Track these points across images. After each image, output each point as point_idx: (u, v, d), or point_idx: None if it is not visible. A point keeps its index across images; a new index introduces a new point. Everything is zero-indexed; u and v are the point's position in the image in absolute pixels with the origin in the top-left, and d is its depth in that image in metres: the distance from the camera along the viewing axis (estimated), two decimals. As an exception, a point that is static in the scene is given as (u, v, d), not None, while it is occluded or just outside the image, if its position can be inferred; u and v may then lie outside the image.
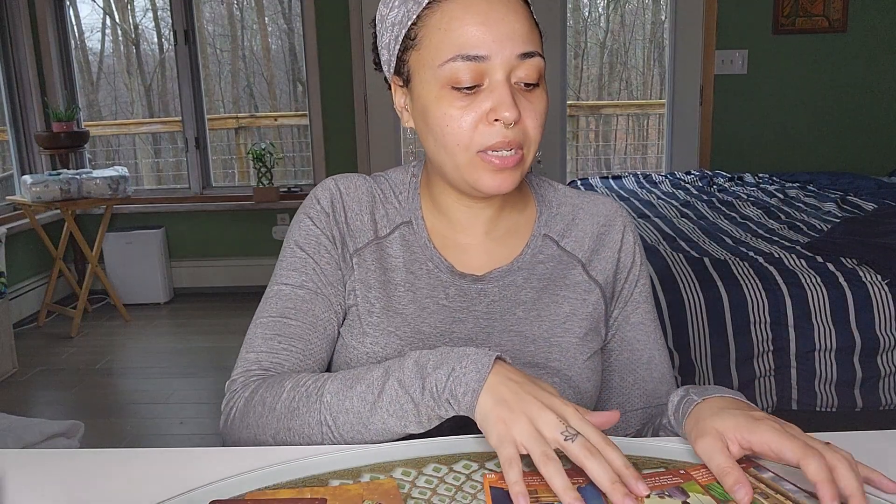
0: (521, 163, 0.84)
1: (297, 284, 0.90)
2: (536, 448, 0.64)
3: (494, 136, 0.81)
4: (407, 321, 0.90)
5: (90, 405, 2.95)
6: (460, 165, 0.84)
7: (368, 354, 0.89)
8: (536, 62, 0.82)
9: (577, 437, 0.65)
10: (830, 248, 2.14)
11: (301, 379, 0.81)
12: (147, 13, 5.07)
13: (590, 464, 0.63)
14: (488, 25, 0.80)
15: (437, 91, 0.82)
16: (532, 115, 0.83)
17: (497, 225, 0.94)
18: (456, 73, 0.80)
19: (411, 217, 0.94)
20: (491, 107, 0.80)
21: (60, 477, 0.75)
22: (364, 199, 0.94)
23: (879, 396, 1.94)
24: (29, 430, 1.70)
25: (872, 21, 3.87)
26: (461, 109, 0.81)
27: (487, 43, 0.79)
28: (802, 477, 0.64)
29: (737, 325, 1.93)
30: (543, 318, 0.92)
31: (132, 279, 4.21)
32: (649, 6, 5.65)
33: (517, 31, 0.81)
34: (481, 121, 0.81)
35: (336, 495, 0.66)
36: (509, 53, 0.80)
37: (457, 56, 0.80)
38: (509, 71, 0.81)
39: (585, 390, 0.91)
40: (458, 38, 0.80)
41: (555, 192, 0.99)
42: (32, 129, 4.19)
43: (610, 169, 5.70)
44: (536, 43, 0.83)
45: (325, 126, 4.22)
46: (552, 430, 0.65)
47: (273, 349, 0.87)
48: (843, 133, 4.00)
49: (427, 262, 0.92)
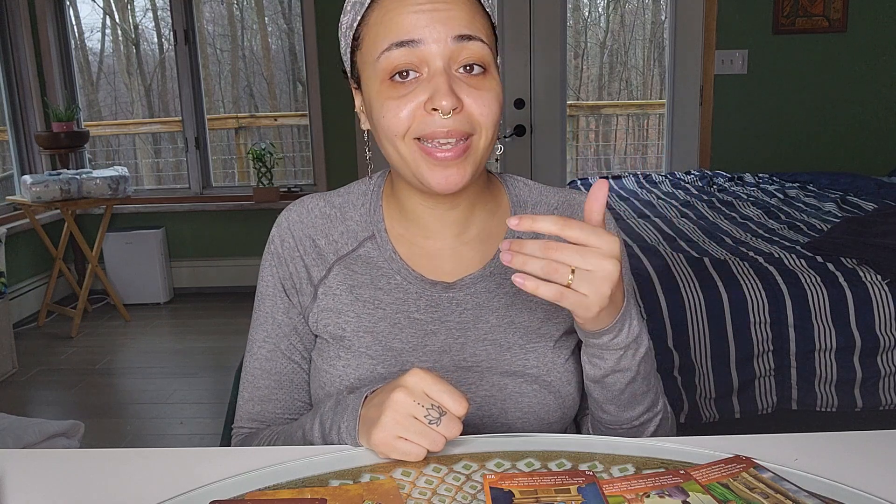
0: (468, 153, 0.81)
1: (260, 341, 0.95)
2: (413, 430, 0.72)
3: (432, 125, 0.79)
4: (378, 339, 0.89)
5: (90, 405, 2.95)
6: (405, 157, 0.82)
7: (341, 377, 0.88)
8: (477, 46, 0.79)
9: (439, 419, 0.72)
10: (830, 247, 2.14)
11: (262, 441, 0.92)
12: (147, 13, 5.07)
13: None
14: (420, 12, 0.78)
15: (378, 86, 0.81)
16: (478, 100, 0.79)
17: (467, 228, 0.92)
18: (391, 61, 0.79)
19: (374, 230, 0.92)
20: (428, 96, 0.78)
21: (60, 477, 0.75)
22: (318, 222, 0.93)
23: (879, 396, 1.94)
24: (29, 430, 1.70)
25: (872, 21, 3.87)
26: (398, 100, 0.80)
27: (419, 27, 0.78)
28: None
29: (737, 325, 1.93)
30: (517, 324, 0.90)
31: (132, 279, 4.21)
32: (649, 6, 5.65)
33: (453, 16, 0.78)
34: (419, 110, 0.79)
35: (336, 495, 0.66)
36: (443, 36, 0.78)
37: (391, 45, 0.79)
38: (448, 58, 0.79)
39: (567, 394, 0.90)
40: (393, 28, 0.79)
41: (529, 191, 0.96)
42: (32, 129, 4.19)
43: (610, 169, 5.70)
44: (479, 29, 0.80)
45: (325, 126, 4.22)
46: (417, 413, 0.72)
47: (253, 410, 0.96)
48: (843, 133, 4.00)
49: (395, 275, 0.90)
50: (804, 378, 1.94)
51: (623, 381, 0.82)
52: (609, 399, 0.84)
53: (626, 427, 0.87)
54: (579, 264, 0.69)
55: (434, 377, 0.73)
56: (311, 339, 0.94)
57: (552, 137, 4.13)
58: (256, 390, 0.95)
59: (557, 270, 0.69)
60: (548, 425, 0.89)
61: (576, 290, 0.69)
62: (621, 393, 0.83)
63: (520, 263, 0.69)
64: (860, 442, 0.79)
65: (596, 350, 0.80)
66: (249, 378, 0.96)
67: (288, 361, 0.94)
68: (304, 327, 0.94)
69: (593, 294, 0.70)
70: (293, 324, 0.94)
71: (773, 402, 1.96)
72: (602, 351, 0.79)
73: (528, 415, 0.88)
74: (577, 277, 0.69)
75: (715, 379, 1.93)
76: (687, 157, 4.13)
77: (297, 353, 0.94)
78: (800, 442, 0.78)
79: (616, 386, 0.82)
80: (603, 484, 0.67)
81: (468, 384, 0.88)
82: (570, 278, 0.69)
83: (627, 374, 0.81)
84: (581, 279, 0.69)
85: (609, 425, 0.88)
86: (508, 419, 0.88)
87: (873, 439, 0.79)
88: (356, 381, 0.88)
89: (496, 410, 0.88)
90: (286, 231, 0.94)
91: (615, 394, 0.83)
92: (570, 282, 0.69)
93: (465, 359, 0.89)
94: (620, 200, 3.17)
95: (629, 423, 0.87)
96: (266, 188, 4.26)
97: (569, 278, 0.69)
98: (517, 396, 0.88)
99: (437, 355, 0.89)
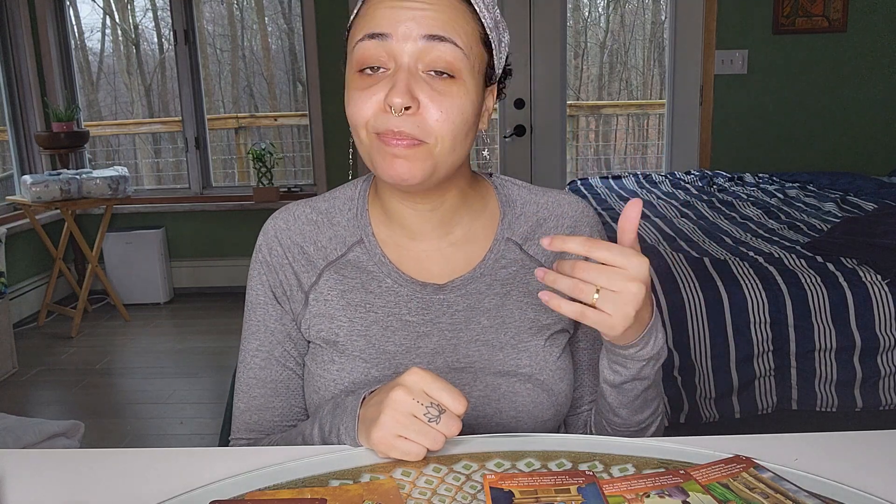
0: (420, 151, 0.79)
1: (253, 350, 0.94)
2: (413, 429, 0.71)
3: (387, 122, 0.78)
4: (371, 343, 0.89)
5: (90, 405, 2.95)
6: (368, 150, 0.82)
7: (336, 381, 0.88)
8: (448, 49, 0.77)
9: (439, 417, 0.71)
10: (830, 247, 2.14)
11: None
12: (147, 13, 5.07)
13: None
14: (396, 8, 0.78)
15: (351, 76, 0.82)
16: (437, 105, 0.78)
17: (452, 229, 0.91)
18: (362, 52, 0.79)
19: (361, 235, 0.92)
20: (386, 92, 0.77)
21: (60, 477, 0.75)
22: (306, 229, 0.93)
23: (879, 396, 1.94)
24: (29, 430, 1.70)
25: (872, 21, 3.87)
26: (363, 91, 0.79)
27: (392, 22, 0.78)
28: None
29: (737, 325, 1.93)
30: (509, 324, 0.90)
31: (132, 279, 4.20)
32: (649, 6, 5.65)
33: (429, 15, 0.77)
34: (378, 105, 0.78)
35: (336, 495, 0.66)
36: (413, 33, 0.77)
37: (364, 36, 0.79)
38: (416, 56, 0.78)
39: (560, 391, 0.90)
40: (369, 20, 0.80)
41: (519, 192, 0.96)
42: (32, 129, 4.19)
43: (610, 169, 5.70)
44: (457, 32, 0.78)
45: (325, 126, 4.22)
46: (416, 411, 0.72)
47: (250, 420, 0.95)
48: (843, 133, 4.00)
49: (385, 278, 0.90)
50: (804, 378, 1.94)
51: (640, 388, 0.84)
52: (623, 404, 0.86)
53: (634, 429, 0.89)
54: (604, 284, 0.71)
55: (433, 376, 0.73)
56: (304, 344, 0.94)
57: (552, 137, 4.13)
58: (252, 399, 0.94)
59: (583, 290, 0.71)
60: (542, 423, 0.90)
61: (600, 310, 0.71)
62: (636, 398, 0.85)
63: (550, 280, 0.72)
64: (860, 442, 0.78)
65: (619, 359, 0.81)
66: (244, 388, 0.95)
67: (283, 368, 0.94)
68: (297, 333, 0.93)
69: (617, 314, 0.71)
70: (286, 330, 0.93)
71: (773, 402, 1.96)
72: (625, 360, 0.81)
73: (522, 413, 0.88)
74: (601, 297, 0.71)
75: (715, 379, 1.93)
76: (687, 157, 4.13)
77: (291, 360, 0.94)
78: (800, 442, 0.78)
79: (633, 392, 0.84)
80: (603, 484, 0.67)
81: (462, 385, 0.88)
82: (594, 297, 0.71)
83: (645, 382, 0.83)
84: (606, 299, 0.71)
85: (618, 427, 0.89)
86: (503, 419, 0.88)
87: (873, 439, 0.79)
88: (350, 385, 0.88)
89: (491, 410, 0.88)
90: (273, 239, 0.93)
91: (630, 399, 0.85)
92: (594, 300, 0.71)
93: (458, 360, 0.89)
94: (620, 201, 3.17)
95: (637, 426, 0.89)
96: (266, 188, 4.26)
97: (594, 297, 0.71)
98: (511, 396, 0.88)
99: (430, 357, 0.89)
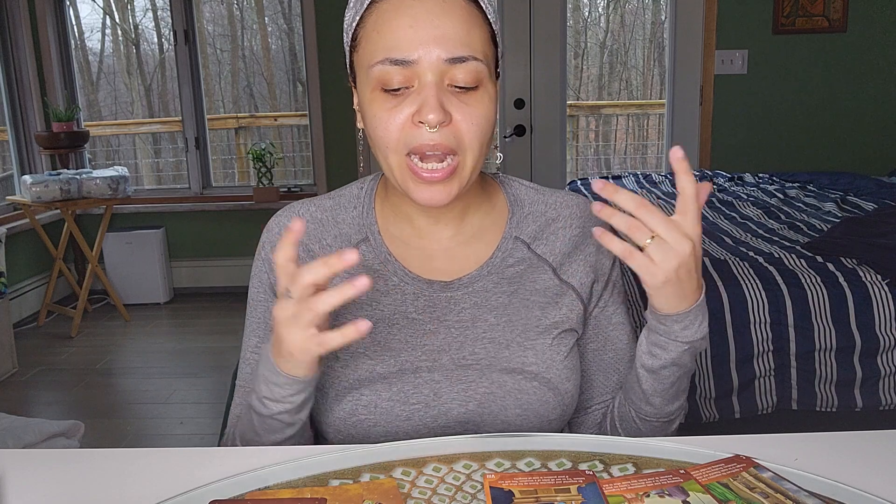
0: (455, 174, 0.81)
1: (254, 347, 0.94)
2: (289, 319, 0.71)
3: (420, 137, 0.79)
4: (376, 340, 0.89)
5: (90, 405, 2.95)
6: (394, 169, 0.82)
7: (339, 378, 0.88)
8: (471, 66, 0.79)
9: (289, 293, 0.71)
10: (830, 247, 2.14)
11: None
12: (147, 13, 5.07)
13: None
14: (416, 28, 0.78)
15: (370, 93, 0.82)
16: (467, 118, 0.80)
17: (462, 229, 0.92)
18: (384, 75, 0.79)
19: (367, 233, 0.92)
20: (416, 108, 0.78)
21: (60, 477, 0.75)
22: (310, 228, 0.93)
23: (879, 396, 1.94)
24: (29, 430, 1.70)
25: (872, 21, 3.87)
26: (389, 111, 0.80)
27: (414, 46, 0.78)
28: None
29: (737, 325, 1.93)
30: (515, 322, 0.90)
31: (132, 279, 4.21)
32: (649, 6, 5.65)
33: (447, 35, 0.78)
34: (407, 122, 0.80)
35: (336, 495, 0.66)
36: (436, 58, 0.78)
37: (385, 59, 0.79)
38: (440, 74, 0.79)
39: (566, 391, 0.90)
40: (387, 41, 0.79)
41: (526, 191, 0.97)
42: (32, 129, 4.19)
43: (610, 169, 5.70)
44: (475, 46, 0.80)
45: (325, 126, 4.22)
46: (286, 310, 0.72)
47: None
48: (843, 133, 4.00)
49: (391, 276, 0.90)
50: (804, 378, 1.94)
51: (676, 375, 0.84)
52: (658, 391, 0.86)
53: (664, 420, 0.89)
54: (661, 232, 0.72)
55: None
56: None
57: (552, 137, 4.13)
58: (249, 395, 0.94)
59: (640, 229, 0.72)
60: (547, 423, 0.89)
61: (647, 255, 0.72)
62: (671, 385, 0.85)
63: (608, 215, 0.72)
64: (860, 442, 0.79)
65: (662, 340, 0.81)
66: (243, 384, 0.94)
67: None
68: None
69: (662, 263, 0.72)
70: None
71: (773, 402, 1.96)
72: (668, 341, 0.81)
73: (528, 412, 0.88)
74: (653, 243, 0.72)
75: (715, 379, 1.93)
76: (687, 157, 4.12)
77: None
78: (800, 442, 0.79)
79: (669, 379, 0.84)
80: (603, 484, 0.67)
81: (468, 382, 0.88)
82: (647, 241, 0.72)
83: (682, 370, 0.84)
84: (657, 246, 0.72)
85: (647, 418, 0.89)
86: (508, 416, 0.88)
87: (873, 439, 0.79)
88: (355, 382, 0.88)
89: (496, 408, 0.88)
90: (276, 237, 0.93)
91: (666, 386, 0.85)
92: (646, 244, 0.72)
93: (464, 357, 0.89)
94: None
95: (667, 417, 0.89)
96: (266, 188, 4.26)
97: (647, 241, 0.72)
98: (517, 393, 0.88)
99: (435, 354, 0.89)
